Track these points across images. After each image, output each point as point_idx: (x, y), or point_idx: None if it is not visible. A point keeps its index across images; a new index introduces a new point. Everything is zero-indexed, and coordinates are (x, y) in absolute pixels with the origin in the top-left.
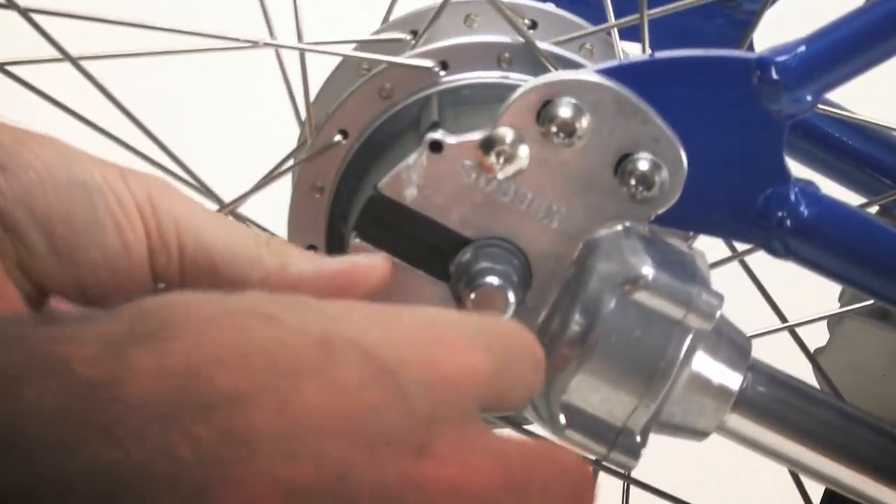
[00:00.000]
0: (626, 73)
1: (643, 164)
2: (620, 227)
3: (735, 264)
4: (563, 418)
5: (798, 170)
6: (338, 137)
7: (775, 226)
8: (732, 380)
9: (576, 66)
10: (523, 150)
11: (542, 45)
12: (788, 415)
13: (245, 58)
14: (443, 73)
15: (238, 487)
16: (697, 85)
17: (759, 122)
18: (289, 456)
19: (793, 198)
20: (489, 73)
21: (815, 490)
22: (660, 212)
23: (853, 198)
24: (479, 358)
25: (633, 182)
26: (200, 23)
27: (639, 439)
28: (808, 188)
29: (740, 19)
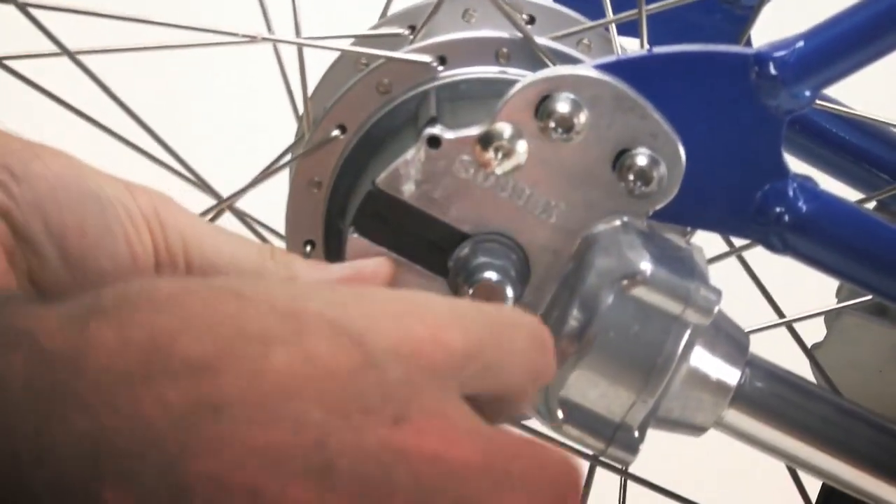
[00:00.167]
0: (624, 69)
1: (641, 160)
2: (619, 223)
3: (733, 260)
4: (560, 413)
5: (796, 165)
6: (336, 132)
7: (773, 221)
8: (730, 375)
9: (574, 61)
10: (521, 146)
11: (540, 40)
12: (786, 410)
13: (243, 53)
14: (441, 68)
15: (214, 454)
16: (695, 80)
17: (757, 118)
18: (264, 423)
19: (791, 193)
20: (487, 68)
21: (813, 485)
22: (658, 207)
23: (851, 193)
24: (453, 335)
25: (631, 177)
26: (198, 18)
27: (637, 435)
28: (807, 184)
29: (738, 14)
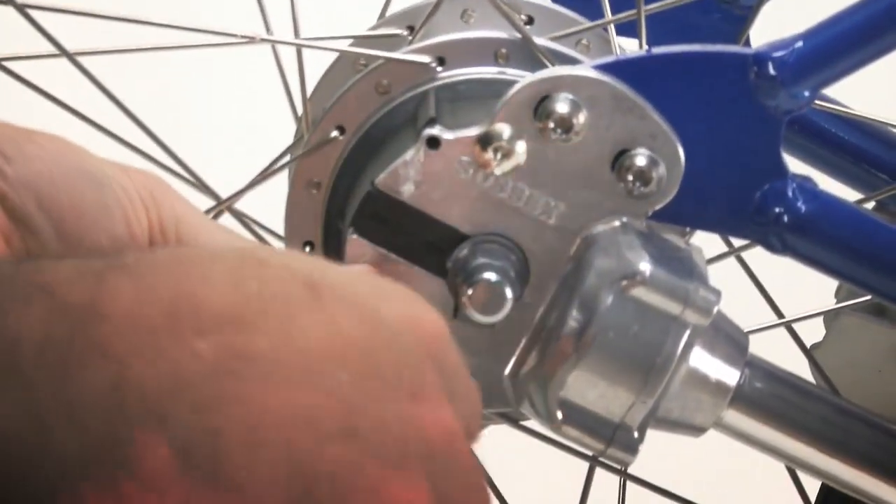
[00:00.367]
0: (623, 69)
1: (640, 160)
2: (618, 223)
3: (732, 260)
4: (560, 414)
5: (795, 165)
6: (335, 133)
7: (772, 222)
8: (730, 375)
9: (573, 61)
10: (520, 146)
11: (539, 40)
12: (785, 411)
13: (242, 53)
14: (440, 68)
15: (250, 404)
16: (694, 80)
17: (756, 118)
18: (298, 382)
19: (790, 194)
20: (486, 68)
21: (812, 486)
22: (657, 207)
23: (850, 193)
24: (441, 320)
25: (630, 178)
26: (197, 18)
27: (636, 435)
28: (806, 184)
29: (737, 15)
